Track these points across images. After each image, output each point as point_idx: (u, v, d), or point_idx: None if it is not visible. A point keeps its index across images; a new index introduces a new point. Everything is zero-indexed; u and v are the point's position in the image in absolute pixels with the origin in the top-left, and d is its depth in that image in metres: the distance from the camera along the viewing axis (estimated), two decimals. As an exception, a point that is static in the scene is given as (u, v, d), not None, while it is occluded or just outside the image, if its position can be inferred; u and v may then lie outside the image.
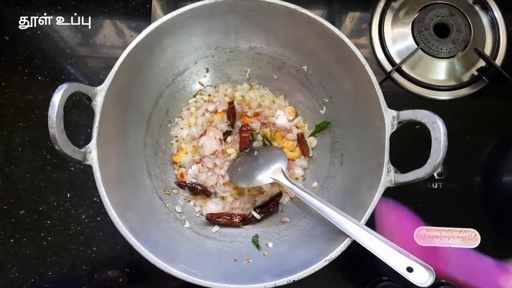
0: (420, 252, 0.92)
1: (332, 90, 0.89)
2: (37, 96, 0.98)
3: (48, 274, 0.91)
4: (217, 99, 0.92)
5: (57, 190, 0.94)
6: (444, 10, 1.04)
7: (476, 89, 1.02)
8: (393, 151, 0.72)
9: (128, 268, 0.91)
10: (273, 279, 0.68)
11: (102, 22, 1.04)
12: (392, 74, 1.02)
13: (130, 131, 0.83)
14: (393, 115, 0.72)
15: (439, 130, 0.63)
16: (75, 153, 0.66)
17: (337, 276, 0.90)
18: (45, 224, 0.93)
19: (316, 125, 0.93)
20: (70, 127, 0.94)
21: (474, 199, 0.97)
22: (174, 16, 0.77)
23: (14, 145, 0.96)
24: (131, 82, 0.79)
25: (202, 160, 0.90)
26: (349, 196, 0.81)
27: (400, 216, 0.95)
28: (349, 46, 0.76)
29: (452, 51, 1.02)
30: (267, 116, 0.92)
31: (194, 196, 0.90)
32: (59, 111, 0.62)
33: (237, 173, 0.86)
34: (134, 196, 0.79)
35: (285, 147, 0.92)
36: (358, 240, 0.68)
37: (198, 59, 0.91)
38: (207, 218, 0.86)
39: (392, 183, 0.70)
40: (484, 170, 0.99)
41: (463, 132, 1.00)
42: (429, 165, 0.64)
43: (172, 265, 0.68)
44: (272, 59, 0.92)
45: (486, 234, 0.94)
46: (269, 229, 0.87)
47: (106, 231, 0.92)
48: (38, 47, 1.02)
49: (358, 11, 1.08)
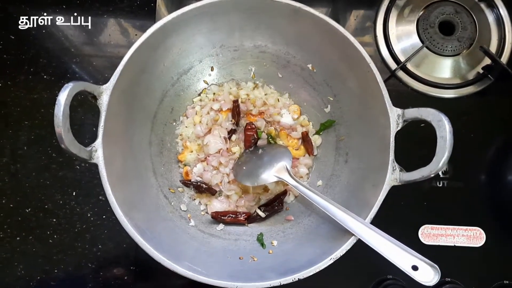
0: (425, 250, 0.92)
1: (337, 89, 0.89)
2: (42, 95, 0.99)
3: (54, 272, 0.91)
4: (221, 97, 0.93)
5: (63, 189, 0.95)
6: (449, 8, 1.03)
7: (482, 87, 1.02)
8: (398, 150, 0.71)
9: (134, 266, 0.92)
10: (278, 277, 0.68)
11: (106, 21, 1.05)
12: (397, 72, 1.02)
13: (135, 130, 0.83)
14: (398, 113, 0.71)
15: (444, 128, 0.63)
16: (81, 151, 0.67)
17: (342, 274, 0.89)
18: (51, 222, 0.93)
19: (320, 124, 0.92)
20: (75, 126, 0.94)
21: (479, 197, 0.97)
22: (178, 15, 0.77)
23: (20, 143, 0.97)
24: (136, 80, 0.80)
25: (207, 158, 0.90)
26: (354, 195, 0.81)
27: (405, 215, 0.95)
28: (354, 44, 0.76)
29: (457, 49, 1.02)
30: (271, 115, 0.92)
31: (199, 195, 0.90)
32: (65, 110, 0.62)
33: (242, 172, 0.86)
34: (139, 194, 0.80)
35: (289, 146, 0.92)
36: (362, 238, 0.68)
37: (202, 57, 0.91)
38: (212, 217, 0.87)
39: (397, 182, 0.70)
40: (489, 168, 0.99)
41: (468, 130, 1.00)
42: (435, 163, 0.64)
43: (177, 263, 0.68)
44: (277, 58, 0.92)
45: (492, 232, 0.94)
46: (274, 227, 0.87)
47: (111, 229, 0.93)
48: (43, 46, 1.02)
49: (362, 9, 1.08)
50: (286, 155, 0.85)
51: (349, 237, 0.69)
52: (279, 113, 0.92)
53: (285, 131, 0.93)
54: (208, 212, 0.89)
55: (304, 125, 0.93)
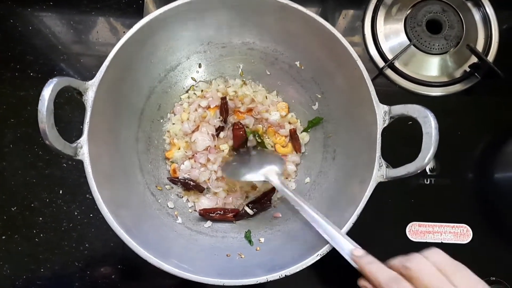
0: (413, 247, 0.92)
1: (325, 86, 0.89)
2: (29, 92, 0.98)
3: (40, 271, 0.90)
4: (209, 94, 0.92)
5: (50, 187, 0.94)
6: (437, 7, 1.04)
7: (469, 85, 1.02)
8: (386, 147, 0.72)
9: (121, 265, 0.91)
10: (265, 274, 0.67)
11: (94, 18, 1.04)
12: (384, 70, 1.02)
13: (122, 126, 0.82)
14: (385, 110, 0.72)
15: (430, 124, 0.64)
16: (66, 148, 0.66)
17: (330, 271, 0.90)
18: (37, 220, 0.92)
19: (308, 121, 0.92)
20: (62, 123, 0.93)
21: (466, 194, 0.98)
22: (165, 10, 0.76)
23: (6, 141, 0.95)
24: (122, 77, 0.79)
25: (194, 155, 0.89)
26: (341, 191, 0.81)
27: (393, 212, 0.95)
28: (341, 41, 0.76)
29: (444, 48, 1.03)
30: (260, 112, 0.92)
31: (187, 192, 0.89)
32: (49, 105, 0.61)
33: (230, 168, 0.86)
34: (126, 192, 0.79)
35: (277, 143, 0.92)
36: (338, 248, 0.67)
37: (190, 54, 0.91)
38: (200, 214, 0.86)
39: (383, 178, 0.70)
40: (476, 166, 0.99)
41: (455, 128, 1.00)
42: (420, 159, 0.64)
43: (164, 260, 0.68)
44: (265, 55, 0.92)
45: (478, 229, 0.94)
46: (262, 224, 0.87)
47: (98, 227, 0.92)
48: (30, 43, 1.01)
49: (351, 8, 1.08)
50: (278, 162, 0.84)
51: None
52: (267, 111, 0.92)
53: (272, 128, 0.92)
54: (196, 209, 0.88)
55: (292, 123, 0.93)
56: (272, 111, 0.92)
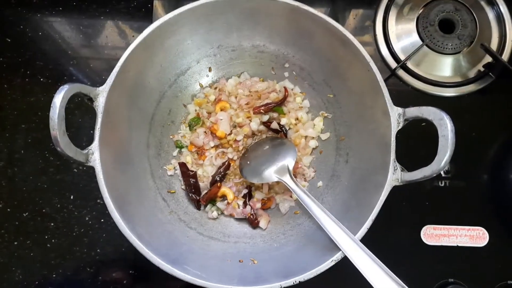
0: (428, 251, 0.91)
1: (337, 88, 0.88)
2: (39, 97, 0.98)
3: (52, 276, 0.90)
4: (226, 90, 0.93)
5: (60, 192, 0.94)
6: (449, 6, 1.02)
7: (483, 85, 1.00)
8: (399, 149, 0.71)
9: (132, 270, 0.90)
10: (279, 280, 0.67)
11: (103, 22, 1.04)
12: (397, 71, 1.01)
13: (133, 132, 0.82)
14: (399, 112, 0.71)
15: (446, 127, 0.62)
16: (77, 154, 0.66)
17: (343, 277, 0.88)
18: (48, 226, 0.92)
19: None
20: (72, 129, 0.93)
21: (482, 197, 0.96)
22: (175, 15, 0.76)
23: (17, 147, 0.96)
24: (133, 82, 0.79)
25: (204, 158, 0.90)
26: (354, 196, 0.80)
27: (407, 215, 0.94)
28: (353, 43, 0.75)
29: (457, 47, 1.01)
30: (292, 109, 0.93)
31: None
32: (61, 112, 0.61)
33: (247, 168, 0.85)
34: (138, 197, 0.79)
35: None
36: (349, 256, 0.66)
37: (200, 58, 0.90)
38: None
39: (398, 182, 0.69)
40: (491, 167, 0.97)
41: (470, 129, 0.98)
42: (437, 163, 0.63)
43: (176, 266, 0.67)
44: (275, 57, 0.91)
45: (495, 232, 0.93)
46: (275, 229, 0.86)
47: (109, 232, 0.92)
48: (40, 49, 1.01)
49: (361, 8, 1.07)
50: (290, 154, 0.83)
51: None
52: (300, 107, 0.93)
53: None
54: (209, 216, 0.88)
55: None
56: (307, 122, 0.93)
